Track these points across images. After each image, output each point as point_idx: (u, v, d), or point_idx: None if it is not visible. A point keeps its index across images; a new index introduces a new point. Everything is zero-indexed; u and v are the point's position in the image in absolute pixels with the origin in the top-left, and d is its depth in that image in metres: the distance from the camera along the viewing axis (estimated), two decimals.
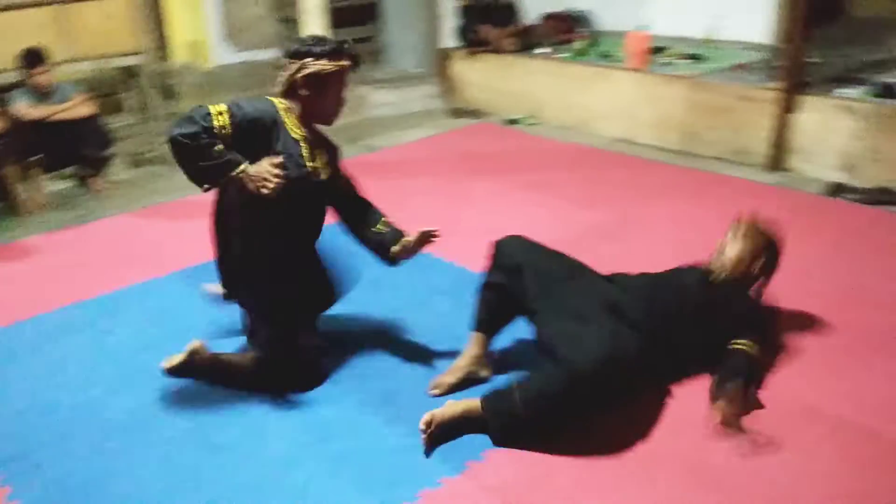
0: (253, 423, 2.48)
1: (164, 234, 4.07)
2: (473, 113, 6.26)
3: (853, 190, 4.29)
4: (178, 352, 2.75)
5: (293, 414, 2.51)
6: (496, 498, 2.11)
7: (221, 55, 7.76)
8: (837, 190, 4.31)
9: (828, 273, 3.36)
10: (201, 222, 4.15)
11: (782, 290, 2.93)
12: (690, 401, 2.49)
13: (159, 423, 2.49)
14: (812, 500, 2.06)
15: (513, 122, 6.03)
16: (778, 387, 2.56)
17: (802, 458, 2.23)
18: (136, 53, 5.68)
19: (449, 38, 6.52)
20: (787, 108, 4.61)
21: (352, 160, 5.24)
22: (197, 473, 2.26)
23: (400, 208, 4.26)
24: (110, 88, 6.29)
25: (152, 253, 3.82)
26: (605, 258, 3.12)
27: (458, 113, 6.28)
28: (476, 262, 3.52)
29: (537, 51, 6.29)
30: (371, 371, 2.74)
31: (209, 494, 2.17)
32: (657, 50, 5.82)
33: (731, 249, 2.62)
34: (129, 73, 5.86)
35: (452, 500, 2.11)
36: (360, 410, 2.51)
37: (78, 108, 4.67)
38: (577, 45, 6.14)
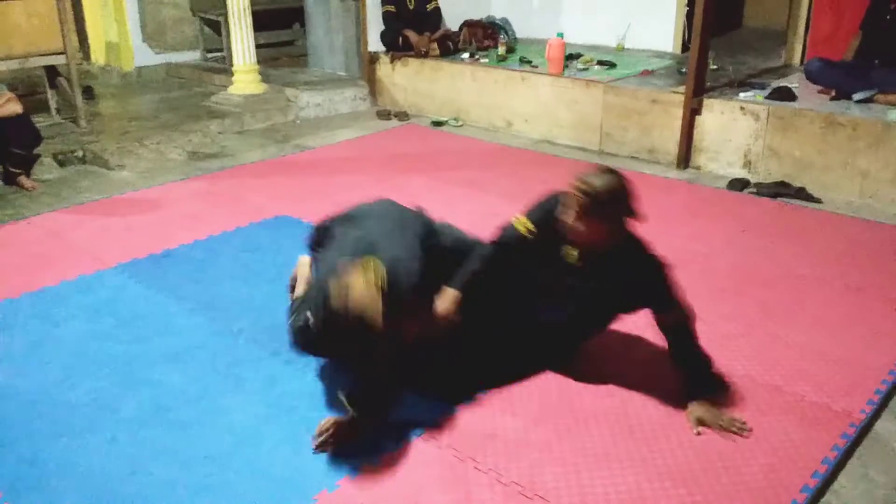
0: (215, 400, 2.60)
1: (101, 230, 4.09)
2: (400, 115, 6.46)
3: (754, 184, 4.70)
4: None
5: (254, 390, 2.65)
6: (452, 452, 2.32)
7: (142, 57, 7.71)
8: (740, 185, 4.72)
9: (732, 257, 3.71)
10: (135, 218, 4.25)
11: (691, 273, 3.24)
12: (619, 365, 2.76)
13: (123, 404, 2.58)
14: (738, 443, 2.36)
15: (439, 123, 6.26)
16: None
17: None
18: (58, 53, 5.62)
19: (374, 42, 6.70)
20: (693, 110, 5.00)
21: (283, 159, 5.39)
22: (164, 448, 2.37)
23: (336, 203, 4.44)
24: (31, 88, 6.19)
25: (93, 247, 3.85)
26: None
27: (386, 115, 6.46)
28: None
29: (460, 56, 6.55)
30: None
31: (177, 466, 2.29)
32: (572, 57, 6.17)
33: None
34: (51, 73, 5.78)
35: (415, 458, 2.30)
36: (319, 383, 2.67)
37: (7, 105, 4.62)
38: (498, 51, 6.42)
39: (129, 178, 4.99)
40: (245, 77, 6.45)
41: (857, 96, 4.73)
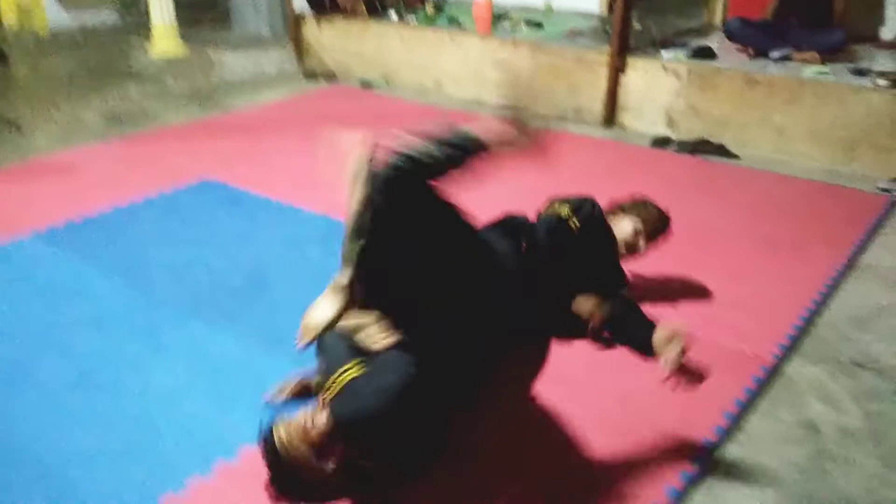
0: (136, 364, 2.55)
1: (15, 197, 3.93)
2: (328, 76, 6.36)
3: (676, 142, 4.81)
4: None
5: (176, 353, 2.61)
6: None
7: (56, 19, 7.39)
8: (662, 142, 4.82)
9: None
10: (51, 184, 4.11)
11: None
12: None
13: (41, 371, 2.51)
14: (655, 387, 2.44)
15: (367, 84, 6.20)
16: None
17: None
18: None
19: (299, 1, 6.56)
20: (617, 69, 5.07)
21: (206, 122, 5.26)
22: (84, 413, 2.32)
23: (263, 166, 4.38)
24: None
25: (7, 215, 3.70)
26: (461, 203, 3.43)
27: (313, 76, 6.36)
28: (342, 213, 3.71)
29: (388, 16, 6.47)
30: (249, 311, 2.87)
31: (99, 430, 2.25)
32: (501, 17, 6.17)
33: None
34: None
35: None
36: (244, 348, 2.64)
37: None
38: (426, 10, 6.36)
39: (44, 143, 4.80)
40: (165, 38, 6.26)
41: (773, 54, 4.87)
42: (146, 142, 4.83)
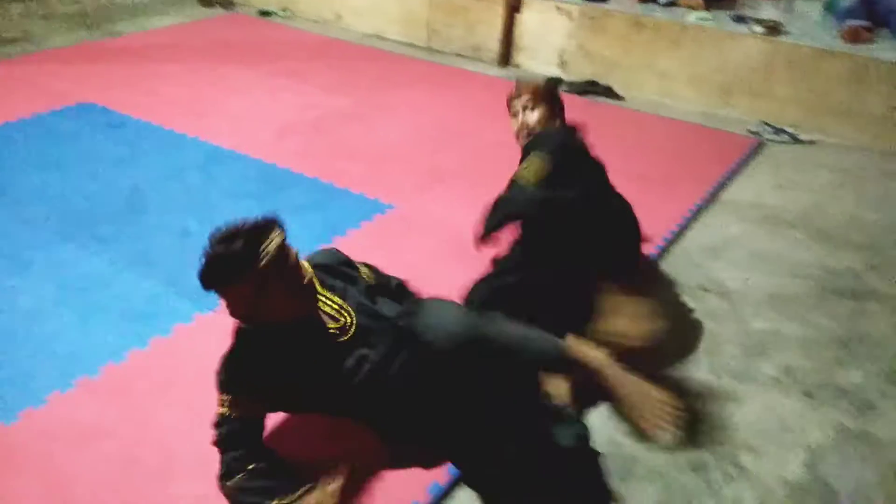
0: (1, 283, 2.53)
1: None
2: (224, 3, 6.18)
3: (567, 83, 4.93)
4: None
5: (43, 273, 2.60)
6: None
7: None
8: (554, 83, 4.92)
9: None
10: None
11: (500, 163, 3.40)
12: None
13: None
14: None
15: (266, 13, 6.06)
16: None
17: None
18: None
19: None
20: (514, 8, 5.12)
21: (91, 45, 5.07)
22: None
23: (148, 91, 4.28)
24: None
25: None
26: (348, 138, 3.50)
27: (208, 2, 6.16)
28: (227, 141, 3.71)
29: None
30: (122, 234, 2.86)
31: None
32: None
33: None
34: None
35: (202, 331, 2.36)
36: (113, 268, 2.64)
37: None
38: None
39: None
40: None
41: None
42: (26, 64, 4.63)
